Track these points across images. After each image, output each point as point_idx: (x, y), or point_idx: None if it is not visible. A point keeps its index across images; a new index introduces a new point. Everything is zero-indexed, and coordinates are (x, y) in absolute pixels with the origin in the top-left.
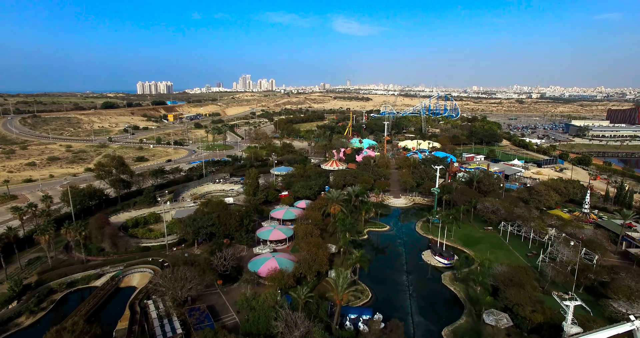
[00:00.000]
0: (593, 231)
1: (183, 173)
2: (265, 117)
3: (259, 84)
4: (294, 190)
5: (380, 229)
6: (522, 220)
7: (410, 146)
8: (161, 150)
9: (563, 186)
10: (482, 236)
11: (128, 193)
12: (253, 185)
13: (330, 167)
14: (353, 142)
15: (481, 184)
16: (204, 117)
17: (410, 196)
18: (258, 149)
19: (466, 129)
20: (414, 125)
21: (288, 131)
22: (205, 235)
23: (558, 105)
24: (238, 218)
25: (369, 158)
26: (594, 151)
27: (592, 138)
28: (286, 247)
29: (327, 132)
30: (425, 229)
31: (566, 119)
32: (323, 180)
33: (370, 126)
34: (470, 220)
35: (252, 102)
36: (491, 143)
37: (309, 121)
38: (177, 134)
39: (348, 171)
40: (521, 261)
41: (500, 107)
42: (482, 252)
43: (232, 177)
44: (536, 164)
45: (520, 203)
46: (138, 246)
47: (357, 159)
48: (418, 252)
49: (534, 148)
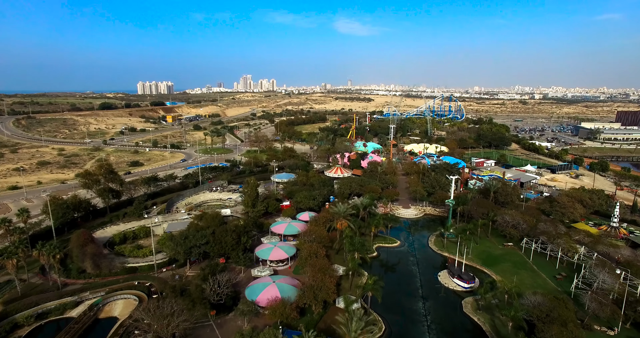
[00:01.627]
0: (630, 250)
1: (178, 180)
2: (265, 118)
3: (260, 84)
4: (297, 201)
5: (391, 244)
6: (547, 236)
7: (417, 150)
8: (157, 154)
9: (588, 197)
10: (503, 254)
11: (118, 203)
12: (252, 195)
13: (334, 174)
14: (357, 146)
15: (498, 194)
16: (203, 119)
17: (420, 206)
18: (258, 153)
19: (473, 132)
20: (419, 127)
21: (289, 134)
22: (199, 254)
23: (562, 106)
24: (235, 235)
25: (375, 164)
26: (607, 155)
27: (604, 141)
28: (288, 267)
29: (330, 135)
30: (439, 245)
31: (573, 120)
32: (327, 190)
33: (374, 129)
34: (487, 234)
35: (252, 103)
36: (500, 146)
37: (311, 122)
38: (175, 136)
39: (354, 179)
40: (550, 285)
41: (504, 109)
42: (504, 273)
43: (230, 184)
44: (550, 170)
45: (542, 216)
46: (124, 267)
47: (363, 164)
48: (433, 272)
49: (545, 152)
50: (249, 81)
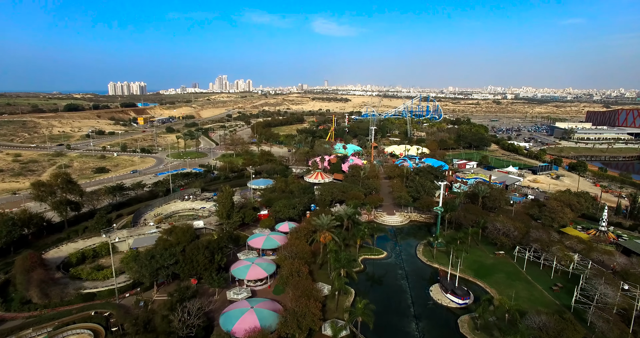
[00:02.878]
0: (625, 257)
1: (147, 188)
2: (241, 119)
3: (236, 84)
4: (275, 210)
5: (377, 256)
6: (540, 244)
7: (398, 152)
8: (126, 159)
9: (576, 201)
10: (495, 264)
11: (78, 216)
12: (227, 205)
13: (314, 179)
14: (337, 148)
15: (486, 199)
16: (176, 121)
17: (405, 212)
18: (234, 157)
19: (453, 133)
20: (398, 128)
21: (266, 136)
22: (167, 276)
23: (534, 106)
24: (208, 253)
25: (357, 168)
26: (582, 155)
27: (578, 140)
28: (267, 287)
29: (308, 137)
30: (428, 255)
31: (546, 120)
32: (308, 197)
33: (353, 130)
34: (477, 242)
35: (228, 103)
36: (480, 147)
37: (288, 123)
38: (146, 139)
39: (335, 185)
40: (547, 298)
41: (479, 108)
42: (499, 285)
43: (204, 192)
44: (531, 171)
45: (531, 222)
46: (79, 294)
47: (343, 168)
48: (425, 287)
49: (524, 152)
50: (224, 81)
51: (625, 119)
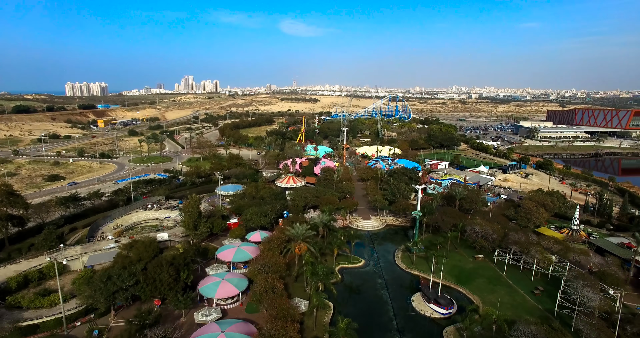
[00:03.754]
0: (600, 257)
1: (105, 197)
2: (209, 121)
3: (203, 85)
4: (246, 218)
5: (355, 264)
6: (520, 247)
7: (370, 153)
8: (83, 165)
9: (550, 201)
10: (475, 268)
11: (22, 231)
12: (193, 215)
13: (286, 184)
14: (308, 150)
15: (463, 201)
16: (140, 123)
17: (381, 216)
18: (201, 161)
19: (423, 133)
20: (369, 128)
21: (235, 138)
22: (126, 298)
23: (497, 105)
24: (173, 270)
25: (330, 171)
26: (546, 153)
27: (542, 139)
28: (239, 305)
29: (278, 139)
30: (407, 261)
31: (510, 119)
32: (280, 203)
33: (323, 131)
34: (456, 246)
35: (195, 105)
36: (450, 146)
37: (257, 125)
38: (107, 143)
39: (308, 190)
40: (530, 303)
41: (446, 108)
42: (481, 291)
43: (169, 200)
44: (502, 170)
45: (509, 223)
46: (16, 328)
47: (316, 171)
48: (406, 296)
49: (493, 151)
50: (190, 82)
51: (582, 118)
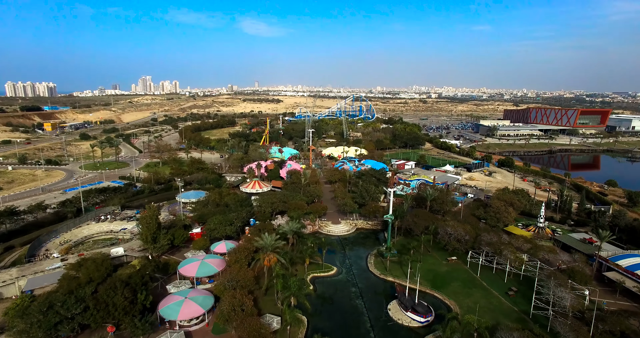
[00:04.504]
0: (567, 255)
1: (51, 209)
2: (168, 123)
3: (162, 86)
4: (210, 228)
5: (327, 273)
6: (493, 248)
7: (336, 154)
8: (26, 173)
9: (517, 199)
10: (449, 271)
11: None
12: (152, 227)
13: (252, 189)
14: (273, 152)
15: (433, 202)
16: (93, 126)
17: (351, 219)
18: (160, 166)
19: (388, 133)
20: (333, 129)
21: (196, 141)
22: (72, 329)
23: (456, 104)
24: (129, 292)
25: (297, 174)
26: (506, 151)
27: (501, 137)
28: (205, 325)
29: (242, 141)
30: (380, 267)
31: (469, 118)
32: (246, 210)
33: (288, 132)
34: (429, 249)
35: (153, 106)
36: (415, 146)
37: (219, 127)
38: (54, 149)
39: (275, 195)
40: (506, 305)
41: (407, 107)
42: (457, 295)
43: (125, 210)
44: (466, 169)
45: (480, 224)
46: None
47: (282, 174)
48: (382, 305)
49: (456, 150)
50: (148, 82)
51: (535, 117)
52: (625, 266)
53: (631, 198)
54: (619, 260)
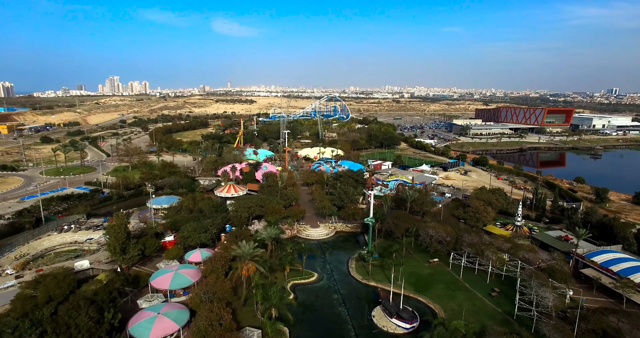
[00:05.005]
0: (547, 253)
1: (5, 220)
2: (138, 125)
3: (130, 86)
4: (183, 236)
5: (308, 279)
6: (475, 249)
7: (312, 155)
8: None
9: (495, 199)
10: (431, 273)
11: None
12: (121, 237)
13: (227, 193)
14: (247, 154)
15: (413, 203)
16: (56, 128)
17: (330, 222)
18: (129, 170)
19: (364, 133)
20: (308, 129)
21: (168, 144)
22: None
23: (429, 104)
24: (94, 310)
25: (273, 176)
26: (479, 150)
27: (474, 136)
28: None
29: (215, 143)
30: (362, 272)
31: (442, 117)
32: (222, 216)
33: (262, 133)
34: (410, 251)
35: (122, 107)
36: (391, 146)
37: (192, 128)
38: (11, 153)
39: (251, 199)
40: (490, 307)
41: (381, 107)
42: (440, 298)
43: (91, 218)
44: (442, 168)
45: (460, 224)
46: None
47: (257, 176)
48: (366, 311)
49: (431, 149)
50: (116, 83)
51: (506, 116)
52: (600, 262)
53: (598, 194)
54: (594, 256)
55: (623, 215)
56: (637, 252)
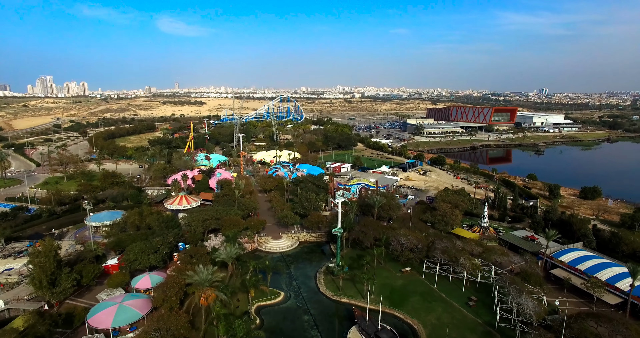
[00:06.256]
0: (519, 256)
1: None
2: (76, 130)
3: (67, 87)
4: (129, 258)
5: (274, 300)
6: (448, 256)
7: (268, 159)
8: None
9: (461, 201)
10: (405, 284)
11: None
12: (49, 268)
13: (178, 206)
14: (199, 160)
15: (380, 209)
16: None
17: (292, 232)
18: (64, 181)
19: (320, 134)
20: (263, 132)
21: (110, 150)
22: None
23: (380, 103)
24: None
25: (228, 184)
26: (434, 148)
27: (428, 135)
28: None
29: (164, 149)
30: (332, 287)
31: (395, 116)
32: (173, 233)
33: (214, 137)
34: (381, 261)
35: (56, 110)
36: (348, 147)
37: (137, 133)
38: None
39: (206, 210)
40: (469, 318)
41: (334, 107)
42: (418, 312)
43: (13, 242)
44: (401, 169)
45: (429, 229)
46: None
47: (211, 184)
48: (341, 333)
49: (388, 149)
50: (49, 83)
51: (456, 115)
52: (568, 261)
53: (551, 191)
54: (560, 255)
55: (574, 209)
56: (597, 248)
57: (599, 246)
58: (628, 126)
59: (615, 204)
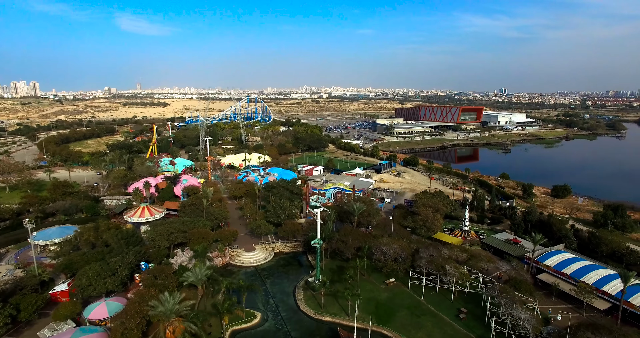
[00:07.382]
0: (506, 263)
1: None
2: (23, 134)
3: (14, 87)
4: (81, 284)
5: (250, 323)
6: (435, 266)
7: (237, 162)
8: None
9: (442, 204)
10: (391, 297)
11: None
12: None
13: (140, 218)
14: (163, 165)
15: (360, 216)
16: None
17: (266, 243)
18: (6, 192)
19: (289, 135)
20: (230, 134)
21: (63, 156)
22: None
23: (347, 103)
24: None
25: (195, 191)
26: (405, 148)
27: (398, 135)
28: None
29: (124, 154)
30: (313, 304)
31: (363, 116)
32: (134, 251)
33: (179, 140)
34: (364, 273)
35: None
36: (319, 148)
37: (95, 136)
38: None
39: (172, 223)
40: (462, 334)
41: (301, 107)
42: (407, 328)
43: None
44: (375, 170)
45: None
46: None
47: (176, 192)
48: None
49: (360, 150)
50: None
51: (425, 114)
52: (553, 265)
53: (525, 190)
54: (545, 259)
55: (548, 209)
56: (578, 249)
57: (579, 247)
58: (582, 124)
59: (585, 202)
